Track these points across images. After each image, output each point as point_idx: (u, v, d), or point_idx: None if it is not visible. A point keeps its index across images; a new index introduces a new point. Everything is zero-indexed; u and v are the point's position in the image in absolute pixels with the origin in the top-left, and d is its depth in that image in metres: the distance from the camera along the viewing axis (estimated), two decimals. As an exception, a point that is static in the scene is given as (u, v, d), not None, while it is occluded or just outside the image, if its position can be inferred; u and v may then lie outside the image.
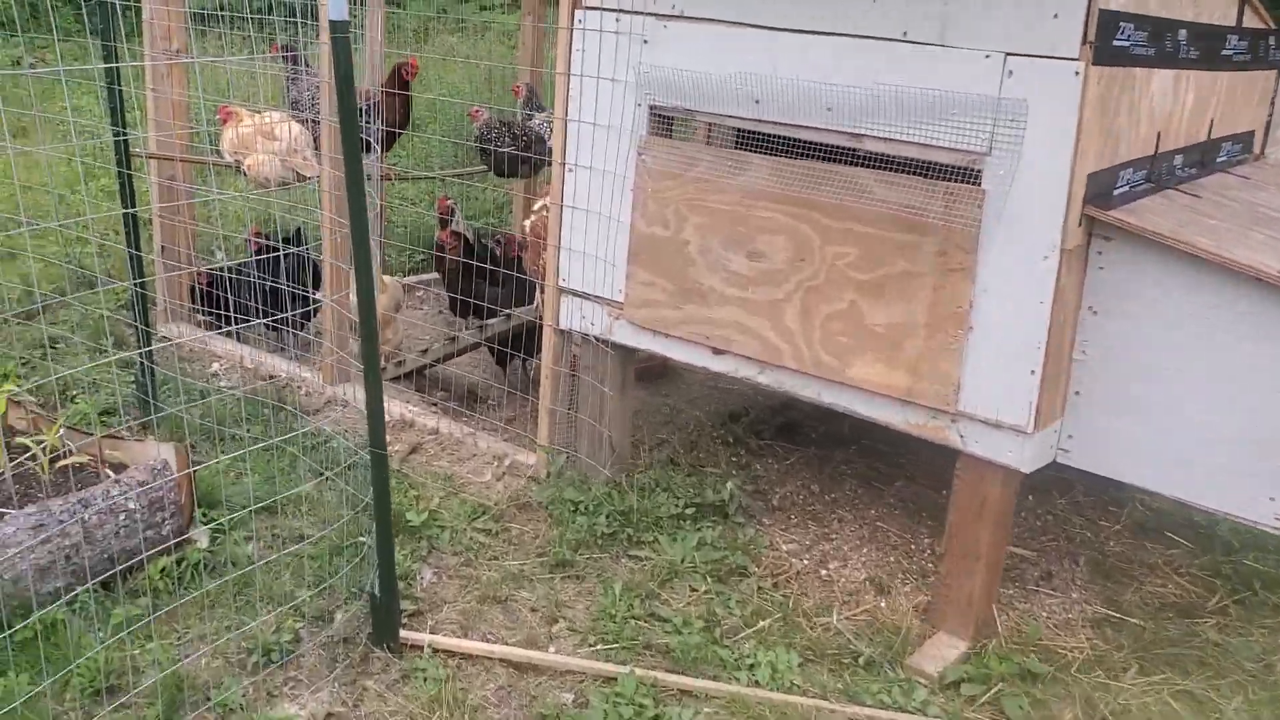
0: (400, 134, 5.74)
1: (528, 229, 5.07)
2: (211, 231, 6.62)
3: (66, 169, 8.26)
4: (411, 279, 7.04)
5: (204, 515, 3.99)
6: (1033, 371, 3.34)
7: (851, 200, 3.57)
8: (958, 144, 3.35)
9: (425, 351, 5.55)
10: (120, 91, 4.41)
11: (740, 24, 3.74)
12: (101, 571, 3.55)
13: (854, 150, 3.60)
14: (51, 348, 5.56)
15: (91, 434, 4.12)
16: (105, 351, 5.50)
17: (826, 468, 4.81)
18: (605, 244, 4.21)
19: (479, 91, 10.05)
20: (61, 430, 3.97)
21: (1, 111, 4.88)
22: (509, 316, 5.32)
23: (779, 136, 3.74)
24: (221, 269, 5.81)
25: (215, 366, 5.60)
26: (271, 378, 5.39)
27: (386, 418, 3.49)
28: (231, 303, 5.52)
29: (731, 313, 3.91)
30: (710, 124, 4.07)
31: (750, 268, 3.83)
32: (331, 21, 2.97)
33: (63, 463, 3.81)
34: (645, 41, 3.96)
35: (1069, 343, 3.46)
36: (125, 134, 4.59)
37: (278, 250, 5.39)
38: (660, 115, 4.02)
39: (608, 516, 4.16)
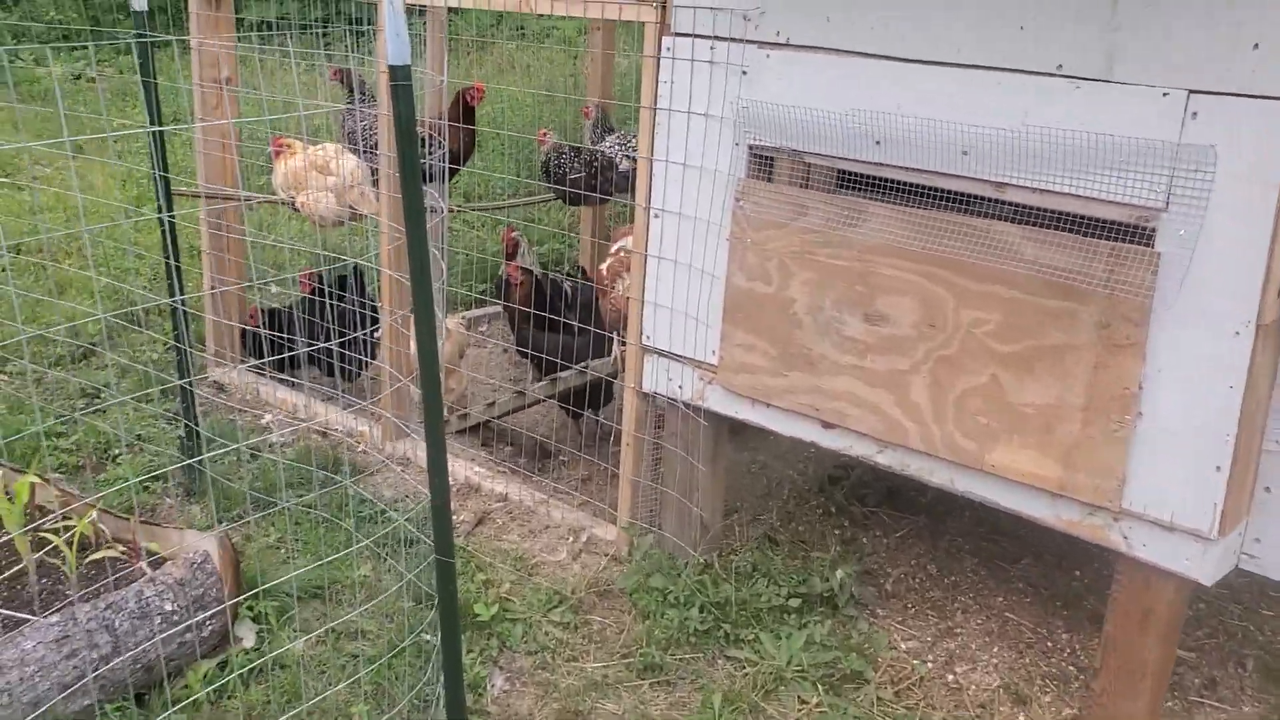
0: (462, 167, 5.30)
1: (604, 272, 4.60)
2: (265, 269, 6.24)
3: (121, 192, 7.98)
4: (474, 312, 6.59)
5: (249, 608, 3.57)
6: (1218, 468, 2.80)
7: (992, 259, 3.05)
8: (1125, 197, 2.82)
9: (491, 405, 5.10)
10: (161, 136, 4.01)
11: (856, 53, 3.23)
12: (136, 684, 3.14)
13: (995, 201, 3.08)
14: (95, 397, 5.20)
15: (127, 518, 3.71)
16: (150, 402, 5.14)
17: (941, 542, 4.28)
18: (696, 299, 3.73)
19: (540, 105, 9.60)
20: (94, 513, 3.58)
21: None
22: (584, 369, 4.85)
23: (903, 183, 3.22)
24: (274, 311, 5.42)
25: (268, 417, 5.20)
26: (325, 434, 4.98)
27: (450, 480, 3.03)
28: (283, 348, 5.12)
29: (846, 383, 3.40)
30: (810, 166, 3.55)
31: (869, 332, 3.33)
32: (391, 67, 2.52)
33: (92, 556, 3.41)
34: (744, 73, 3.47)
35: (1260, 432, 2.92)
36: (168, 175, 4.20)
37: (332, 294, 4.98)
38: (761, 156, 3.52)
39: (701, 609, 3.68)
